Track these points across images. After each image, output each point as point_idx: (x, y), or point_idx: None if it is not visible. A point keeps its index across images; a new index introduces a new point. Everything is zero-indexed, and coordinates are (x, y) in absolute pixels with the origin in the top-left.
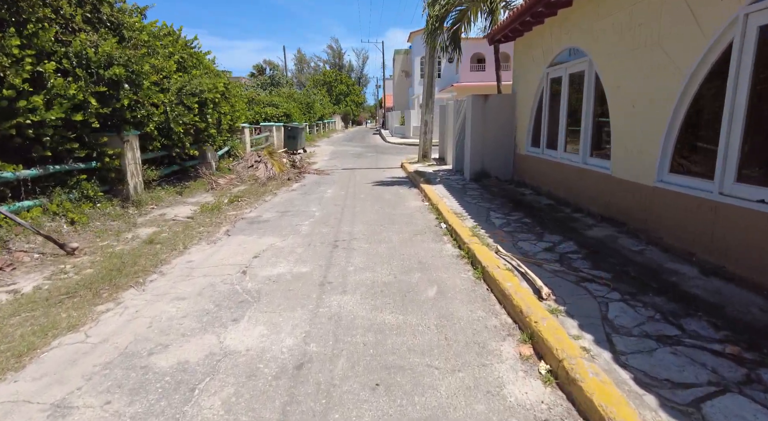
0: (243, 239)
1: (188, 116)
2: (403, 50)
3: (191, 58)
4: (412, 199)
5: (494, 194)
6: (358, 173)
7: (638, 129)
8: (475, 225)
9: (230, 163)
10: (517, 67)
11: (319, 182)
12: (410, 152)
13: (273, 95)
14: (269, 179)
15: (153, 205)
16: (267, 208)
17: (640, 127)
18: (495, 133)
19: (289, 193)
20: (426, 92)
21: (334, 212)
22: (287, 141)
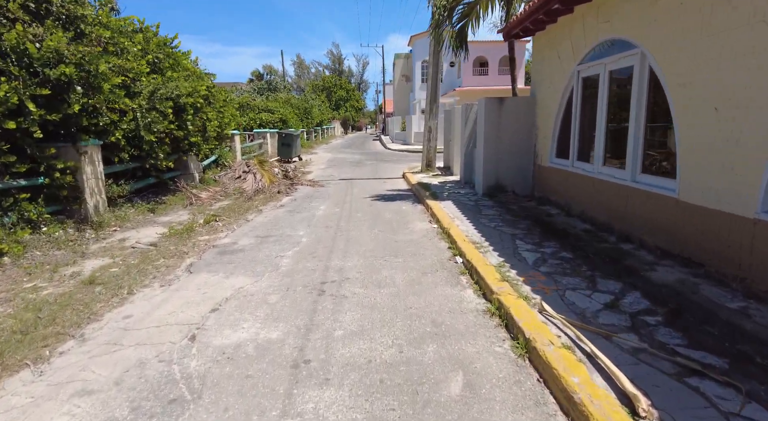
0: (205, 279)
1: (162, 123)
2: (403, 54)
3: (168, 59)
4: (417, 219)
5: (516, 215)
6: (356, 185)
7: (725, 140)
8: (502, 262)
9: (217, 173)
10: (538, 65)
11: (311, 196)
12: (412, 160)
13: (270, 101)
14: (257, 192)
15: (116, 227)
16: (246, 231)
17: (730, 138)
18: (511, 142)
19: (276, 210)
20: (430, 95)
21: (324, 238)
22: (281, 149)
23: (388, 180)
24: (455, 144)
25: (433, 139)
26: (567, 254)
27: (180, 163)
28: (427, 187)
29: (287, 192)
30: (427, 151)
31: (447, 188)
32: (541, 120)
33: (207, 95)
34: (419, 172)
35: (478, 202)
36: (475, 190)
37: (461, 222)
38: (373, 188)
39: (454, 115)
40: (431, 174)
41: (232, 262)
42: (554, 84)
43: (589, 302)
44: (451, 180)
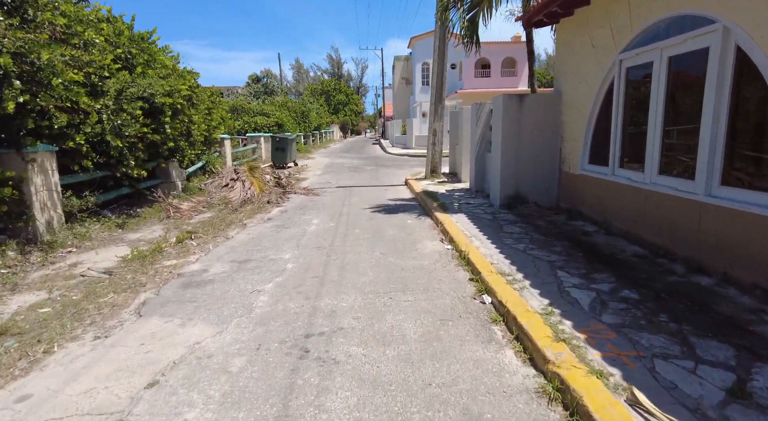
0: (155, 328)
1: (134, 126)
2: (403, 57)
3: (142, 54)
4: (425, 236)
5: (545, 233)
6: (354, 193)
7: None
8: (547, 306)
9: (204, 180)
10: (564, 57)
11: (304, 207)
12: (414, 165)
13: (265, 104)
14: (244, 203)
15: (72, 248)
16: (222, 254)
17: None
18: (533, 145)
19: (263, 224)
20: (434, 94)
21: (314, 263)
22: (275, 154)
23: (389, 187)
24: (463, 148)
25: (438, 142)
26: (630, 292)
27: (160, 171)
28: (434, 196)
29: (278, 202)
30: (431, 155)
31: (456, 198)
32: (569, 120)
33: (190, 96)
34: (423, 178)
35: (496, 216)
36: (490, 200)
37: (481, 242)
38: (373, 197)
39: (462, 117)
40: (437, 181)
41: (195, 299)
42: (586, 78)
43: (699, 384)
44: (460, 188)
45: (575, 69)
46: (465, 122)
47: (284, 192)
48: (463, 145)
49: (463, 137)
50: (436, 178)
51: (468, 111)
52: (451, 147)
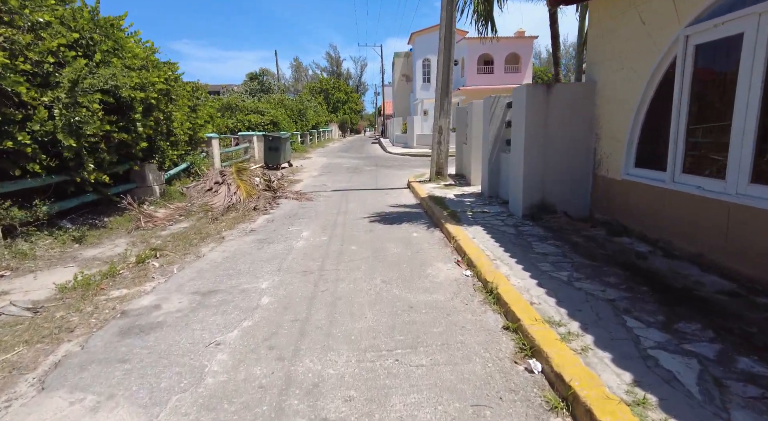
0: (52, 415)
1: (94, 124)
2: (403, 53)
3: (106, 41)
4: (436, 255)
5: (588, 255)
6: (352, 198)
7: None
8: (632, 384)
9: (187, 184)
10: (599, 40)
11: (294, 215)
12: (416, 165)
13: (262, 102)
14: (228, 210)
15: (5, 271)
16: (185, 281)
17: None
18: (562, 145)
19: (243, 238)
20: (440, 87)
21: (296, 298)
22: (268, 154)
23: (390, 191)
24: (473, 147)
25: (444, 141)
26: (751, 361)
27: (135, 174)
28: (442, 202)
29: (266, 209)
30: (437, 156)
31: (468, 205)
32: (606, 114)
33: (167, 90)
34: (428, 181)
35: (519, 229)
36: (509, 209)
37: (509, 268)
38: (373, 203)
39: (472, 113)
40: (443, 184)
41: (130, 358)
42: (632, 63)
43: None
44: (470, 192)
45: (615, 53)
46: (475, 119)
47: (274, 197)
48: (472, 144)
49: (472, 136)
50: (441, 180)
51: (478, 106)
52: (458, 146)
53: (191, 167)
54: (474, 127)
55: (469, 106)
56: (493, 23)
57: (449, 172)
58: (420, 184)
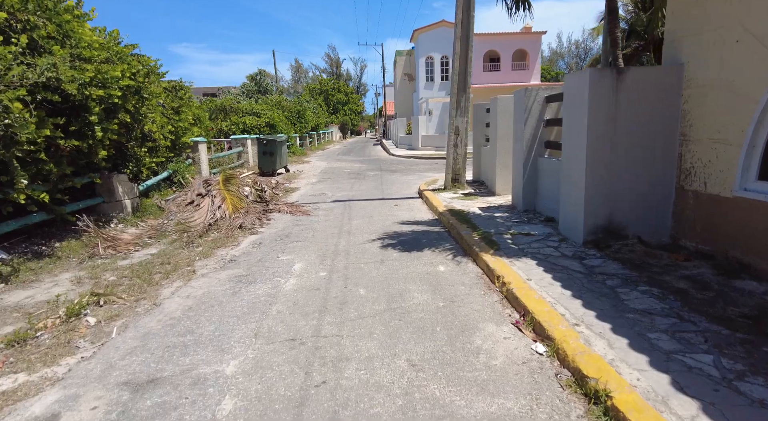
0: None
1: (28, 128)
2: (405, 51)
3: (47, 24)
4: (482, 310)
5: (717, 316)
6: (355, 210)
7: None
8: None
9: (168, 195)
10: (693, 9)
11: (287, 236)
12: (424, 169)
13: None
14: (210, 227)
15: None
16: (116, 360)
17: None
18: (635, 148)
19: (218, 273)
20: (458, 82)
21: (276, 405)
22: (262, 159)
23: (400, 202)
24: (498, 150)
25: (461, 143)
26: None
27: (101, 188)
28: (467, 219)
29: (253, 227)
30: (453, 159)
31: (501, 223)
32: (704, 107)
33: (137, 87)
34: (442, 189)
35: (587, 264)
36: (559, 230)
37: (607, 343)
38: (381, 218)
39: (497, 110)
40: (461, 193)
41: None
42: (757, 33)
43: None
44: (498, 204)
45: (725, 18)
46: (501, 117)
47: (266, 210)
48: (497, 146)
49: (497, 136)
50: (459, 188)
51: (506, 102)
52: (475, 149)
53: (174, 176)
54: (500, 127)
55: (493, 102)
56: (528, 3)
57: (467, 178)
58: (434, 193)
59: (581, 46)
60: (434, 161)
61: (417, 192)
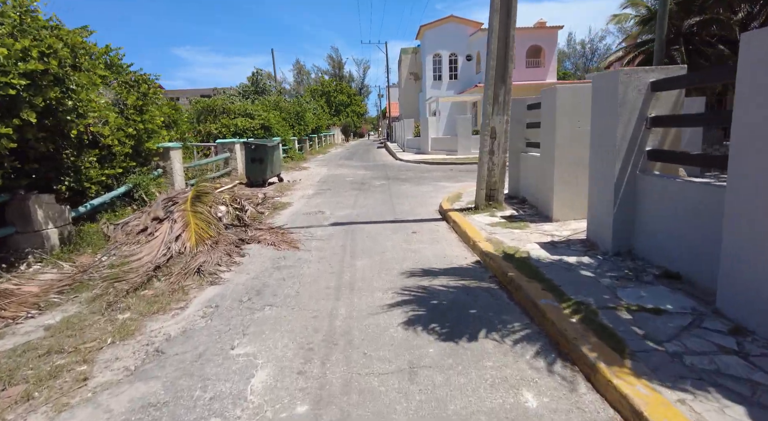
0: None
1: None
2: (411, 49)
3: None
4: None
5: None
6: (360, 241)
7: None
8: None
9: (123, 217)
10: None
11: (258, 292)
12: (438, 177)
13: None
14: (156, 272)
15: None
16: None
17: None
18: None
19: (116, 397)
20: (495, 69)
21: None
22: (250, 167)
23: (418, 226)
24: (557, 160)
25: (499, 149)
26: None
27: (12, 213)
28: (534, 269)
29: (216, 270)
30: (488, 170)
31: (591, 278)
32: None
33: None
34: (474, 209)
35: None
36: (713, 303)
37: None
38: (396, 257)
39: (557, 104)
40: (500, 214)
41: None
42: None
43: None
44: (563, 237)
45: None
46: (564, 114)
47: (242, 240)
48: (556, 154)
49: (557, 142)
50: (496, 208)
51: (571, 93)
52: (512, 156)
53: (135, 191)
54: (559, 128)
55: (547, 95)
56: None
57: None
58: (463, 215)
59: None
60: (448, 168)
61: (438, 211)
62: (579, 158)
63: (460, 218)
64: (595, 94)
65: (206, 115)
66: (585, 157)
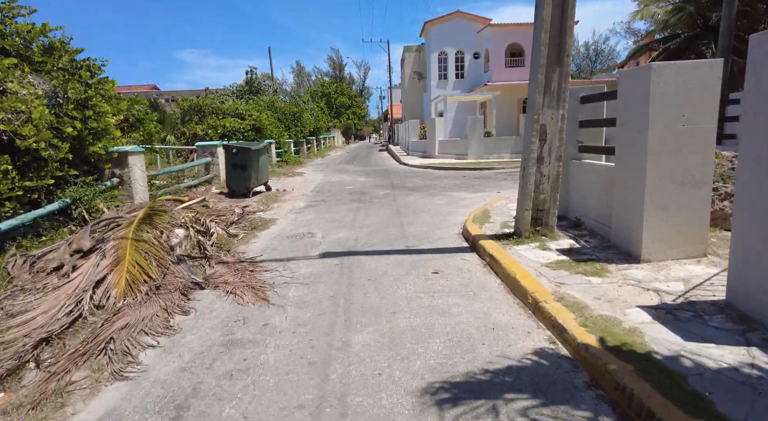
0: None
1: None
2: (414, 47)
3: None
4: None
5: None
6: (359, 288)
7: None
8: None
9: (58, 239)
10: None
11: (179, 406)
12: (451, 186)
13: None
14: (37, 352)
15: None
16: None
17: None
18: None
19: None
20: (547, 43)
21: None
22: (231, 174)
23: (438, 260)
24: (648, 173)
25: (550, 155)
26: None
27: None
28: (697, 400)
29: (140, 342)
30: (535, 183)
31: None
32: None
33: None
34: (515, 236)
35: None
36: None
37: None
38: (412, 324)
39: (651, 92)
40: (555, 247)
41: None
42: None
43: None
44: (683, 297)
45: None
46: (664, 105)
47: (195, 284)
48: (647, 164)
49: (650, 147)
50: (547, 236)
51: (683, 73)
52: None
53: (74, 208)
54: (654, 125)
55: (628, 77)
56: None
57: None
58: (502, 245)
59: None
60: (460, 174)
61: (462, 234)
62: (684, 171)
63: (499, 252)
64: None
65: (192, 116)
66: (693, 169)
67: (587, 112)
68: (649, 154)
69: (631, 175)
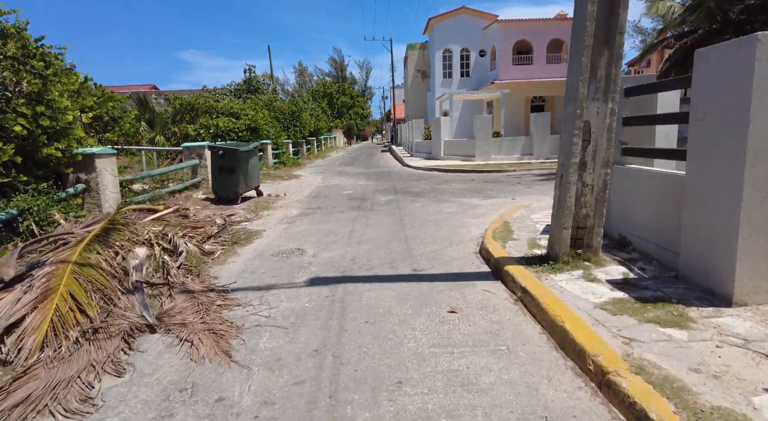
0: None
1: None
2: (418, 45)
3: None
4: None
5: None
6: (352, 336)
7: None
8: None
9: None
10: None
11: None
12: (459, 190)
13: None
14: None
15: None
16: None
17: None
18: None
19: None
20: (594, 20)
21: None
22: (217, 178)
23: (454, 291)
24: (747, 185)
25: (596, 160)
26: None
27: None
28: None
29: None
30: (576, 195)
31: None
32: None
33: None
34: (548, 258)
35: None
36: None
37: None
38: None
39: (762, 70)
40: (605, 276)
41: None
42: None
43: None
44: None
45: None
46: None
47: (147, 326)
48: (747, 175)
49: (750, 152)
50: (591, 261)
51: None
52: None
53: (22, 220)
54: (756, 119)
55: (713, 56)
56: None
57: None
58: (536, 274)
59: None
60: (468, 177)
61: (479, 253)
62: None
63: (535, 285)
64: None
65: (184, 115)
66: None
67: (636, 106)
68: (748, 160)
69: (715, 187)
